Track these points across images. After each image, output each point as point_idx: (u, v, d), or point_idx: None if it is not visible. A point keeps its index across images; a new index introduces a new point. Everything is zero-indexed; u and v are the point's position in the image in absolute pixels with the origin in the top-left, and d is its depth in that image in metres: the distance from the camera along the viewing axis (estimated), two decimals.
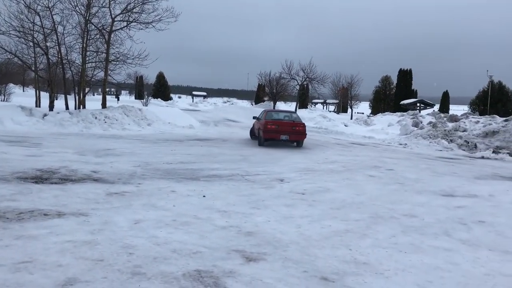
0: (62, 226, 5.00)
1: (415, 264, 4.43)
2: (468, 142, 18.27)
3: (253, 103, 67.12)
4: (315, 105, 74.43)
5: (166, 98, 70.32)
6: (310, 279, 3.92)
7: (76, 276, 3.64)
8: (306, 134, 16.38)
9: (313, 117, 34.15)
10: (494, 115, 24.77)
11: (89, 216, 5.47)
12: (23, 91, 58.57)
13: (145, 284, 3.57)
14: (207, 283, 3.67)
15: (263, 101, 58.02)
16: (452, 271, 4.31)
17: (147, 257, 4.17)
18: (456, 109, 53.50)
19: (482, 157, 16.13)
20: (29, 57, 22.84)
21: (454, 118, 23.79)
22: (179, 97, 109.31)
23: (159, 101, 61.87)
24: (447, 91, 58.73)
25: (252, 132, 18.88)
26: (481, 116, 24.21)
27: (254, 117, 18.88)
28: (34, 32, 20.77)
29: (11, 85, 43.69)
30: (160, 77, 72.72)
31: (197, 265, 4.04)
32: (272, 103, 51.42)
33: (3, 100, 35.33)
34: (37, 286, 3.42)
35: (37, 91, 26.53)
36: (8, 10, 19.77)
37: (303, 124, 16.55)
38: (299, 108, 47.41)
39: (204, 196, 6.96)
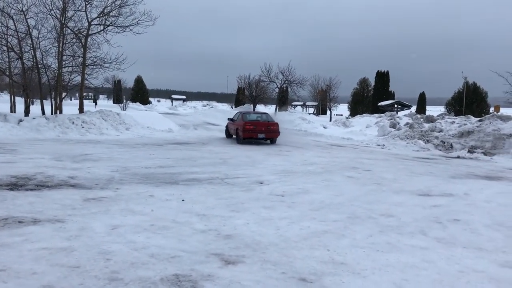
0: (37, 233, 4.91)
1: (391, 263, 4.49)
2: (444, 142, 18.63)
3: (233, 106, 67.06)
4: (294, 108, 74.82)
5: (145, 102, 69.78)
6: (289, 280, 3.94)
7: (51, 284, 3.59)
8: (279, 132, 18.23)
9: (293, 119, 34.31)
10: (469, 115, 25.34)
11: (65, 222, 5.39)
12: None
13: None
14: (185, 287, 3.66)
15: (243, 104, 58.01)
16: (427, 269, 4.39)
17: (124, 262, 4.13)
18: (432, 110, 54.50)
19: (458, 157, 16.45)
20: (3, 61, 22.39)
21: (430, 119, 24.23)
22: (158, 101, 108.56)
23: (137, 105, 61.33)
24: (423, 92, 59.86)
25: (227, 132, 20.83)
26: (457, 117, 24.72)
27: (228, 119, 20.83)
28: (8, 36, 20.38)
29: None
30: (139, 81, 72.15)
31: (175, 270, 4.02)
32: (251, 106, 51.47)
33: None
34: None
35: (12, 96, 25.96)
36: None
37: (277, 123, 18.47)
38: (278, 111, 47.61)
39: (183, 200, 6.94)
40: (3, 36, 20.30)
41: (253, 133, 17.67)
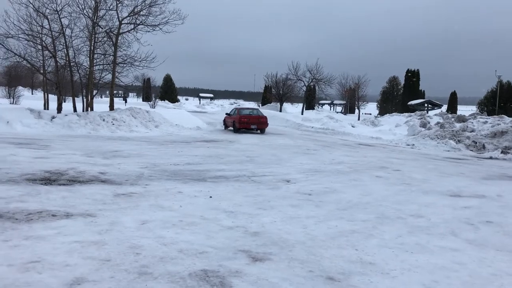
0: (70, 227, 5.05)
1: (421, 264, 4.42)
2: (476, 143, 18.16)
3: (260, 105, 67.10)
4: (322, 106, 74.31)
5: (173, 100, 70.55)
6: (316, 278, 3.93)
7: (83, 276, 3.68)
8: (268, 124, 22.92)
9: (320, 118, 34.08)
10: (503, 115, 24.60)
11: (96, 216, 5.52)
12: (32, 93, 58.98)
13: (152, 283, 3.60)
14: (213, 282, 3.70)
15: (270, 102, 57.98)
16: (458, 271, 4.30)
17: (154, 257, 4.21)
18: (464, 110, 53.20)
19: (490, 158, 16.02)
20: (38, 60, 23.08)
21: (462, 119, 23.65)
22: (186, 99, 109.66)
23: (166, 103, 62.10)
24: (454, 91, 58.44)
25: (225, 124, 25.13)
26: (489, 116, 24.05)
27: (226, 113, 26.12)
28: (43, 35, 21.03)
29: (20, 88, 44.03)
30: (167, 79, 72.96)
31: (203, 265, 4.06)
32: (278, 104, 51.40)
33: (12, 103, 35.64)
34: (45, 286, 3.46)
35: (46, 93, 26.72)
36: (17, 14, 20.01)
37: (265, 116, 23.33)
38: (306, 110, 47.40)
39: (210, 197, 7.00)
40: (38, 35, 20.93)
41: (247, 124, 22.18)
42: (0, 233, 4.67)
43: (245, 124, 22.10)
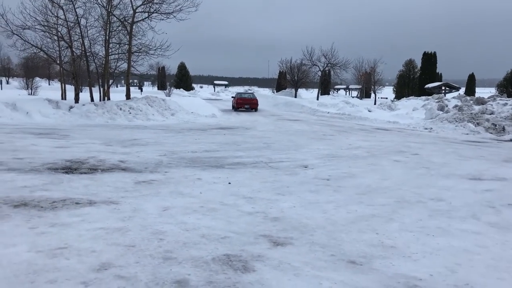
0: (93, 214, 5.15)
1: (443, 247, 4.41)
2: (496, 125, 17.87)
3: (275, 91, 66.87)
4: (337, 91, 73.74)
5: (188, 88, 70.73)
6: (338, 262, 3.95)
7: (109, 261, 3.77)
8: (258, 104, 30.92)
9: (336, 103, 33.85)
10: None
11: (119, 204, 5.62)
12: (49, 84, 59.78)
13: (176, 268, 3.67)
14: (236, 266, 3.75)
15: (285, 88, 57.74)
16: (481, 253, 4.28)
17: (177, 242, 4.27)
18: (482, 92, 52.30)
19: (511, 140, 15.76)
20: (54, 50, 23.33)
21: (480, 101, 23.25)
22: (201, 87, 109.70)
23: (181, 91, 62.28)
24: (473, 73, 57.46)
25: (232, 105, 32.57)
26: (509, 98, 23.60)
27: (232, 97, 35.50)
28: (58, 26, 21.19)
29: (37, 78, 44.60)
30: (182, 68, 73.09)
31: (226, 250, 4.12)
32: (293, 90, 51.16)
33: (31, 94, 36.15)
34: (73, 271, 3.56)
35: (63, 84, 27.05)
36: (33, 5, 20.17)
37: (256, 99, 31.44)
38: (321, 95, 47.09)
39: (229, 183, 7.05)
40: (53, 26, 21.10)
41: (242, 104, 30.21)
42: (27, 221, 4.79)
43: (240, 104, 30.20)
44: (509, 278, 3.74)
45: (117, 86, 60.04)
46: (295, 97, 47.52)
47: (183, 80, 72.45)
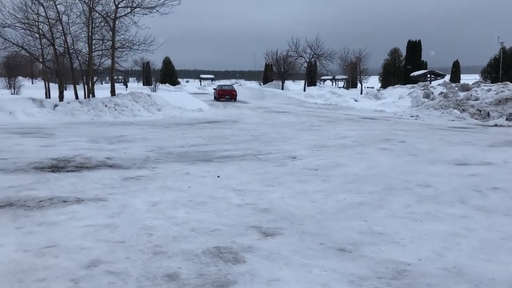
0: (81, 212, 5.10)
1: (431, 232, 4.46)
2: (481, 111, 18.09)
3: (261, 84, 66.78)
4: (323, 82, 73.90)
5: (174, 83, 70.33)
6: (327, 250, 3.98)
7: (99, 258, 3.74)
8: (236, 95, 35.45)
9: (323, 94, 33.95)
10: (507, 82, 24.39)
11: (107, 200, 5.57)
12: (32, 83, 58.86)
13: (167, 262, 3.66)
14: (227, 258, 3.75)
15: (271, 80, 57.68)
16: (468, 237, 4.34)
17: (166, 236, 4.26)
18: (467, 79, 52.80)
19: (496, 125, 15.98)
20: (36, 48, 22.94)
21: (465, 87, 23.47)
22: (187, 81, 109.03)
23: (167, 86, 61.91)
24: (457, 60, 57.98)
25: (214, 95, 37.30)
26: (493, 84, 23.87)
27: (214, 89, 41.04)
28: (39, 23, 20.83)
29: (20, 78, 43.95)
30: (167, 62, 72.59)
31: (216, 242, 4.12)
32: (280, 82, 51.15)
33: (14, 93, 35.62)
34: (63, 269, 3.52)
35: (46, 82, 26.67)
36: (12, 2, 19.82)
37: (235, 90, 36.78)
38: (308, 86, 47.16)
39: (218, 176, 7.04)
40: (34, 24, 20.76)
41: (222, 95, 35.10)
42: (13, 221, 4.73)
43: (221, 95, 35.27)
44: (495, 259, 3.80)
45: (101, 83, 59.38)
46: (282, 89, 47.57)
47: (169, 75, 72.02)
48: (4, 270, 3.50)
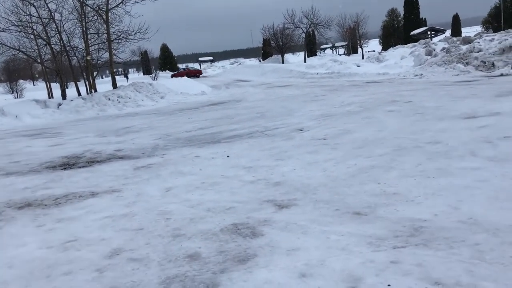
0: (97, 205, 5.18)
1: (444, 187, 4.47)
2: (485, 62, 17.84)
3: (261, 60, 66.22)
4: (324, 51, 73.07)
5: (173, 69, 69.93)
6: (343, 215, 4.01)
7: (120, 247, 3.81)
8: (201, 73, 51.96)
9: (324, 63, 33.62)
10: (510, 29, 23.96)
11: (121, 191, 5.64)
12: (34, 85, 59.00)
13: (187, 243, 3.73)
14: (245, 233, 3.81)
15: (271, 55, 57.16)
16: (481, 188, 4.35)
17: (184, 219, 4.32)
18: (468, 31, 51.88)
19: (501, 75, 15.78)
20: (33, 49, 22.92)
21: (467, 40, 23.11)
22: (187, 66, 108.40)
23: (167, 73, 61.59)
24: (457, 14, 56.88)
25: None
26: (496, 33, 23.46)
27: (183, 68, 53.96)
28: (33, 24, 20.77)
29: (21, 81, 44.01)
30: (164, 49, 72.08)
31: (233, 219, 4.17)
32: (280, 56, 50.67)
33: (17, 97, 35.74)
34: (86, 260, 3.60)
35: (47, 82, 26.72)
36: (3, 5, 19.75)
37: (200, 70, 56.73)
38: (308, 57, 46.69)
39: (228, 156, 7.07)
40: (28, 25, 20.70)
41: (189, 75, 40.49)
42: (33, 220, 4.82)
43: (188, 75, 42.01)
44: (510, 207, 3.81)
45: (102, 78, 59.34)
46: (282, 62, 47.17)
47: (167, 61, 71.59)
48: (31, 267, 3.59)
